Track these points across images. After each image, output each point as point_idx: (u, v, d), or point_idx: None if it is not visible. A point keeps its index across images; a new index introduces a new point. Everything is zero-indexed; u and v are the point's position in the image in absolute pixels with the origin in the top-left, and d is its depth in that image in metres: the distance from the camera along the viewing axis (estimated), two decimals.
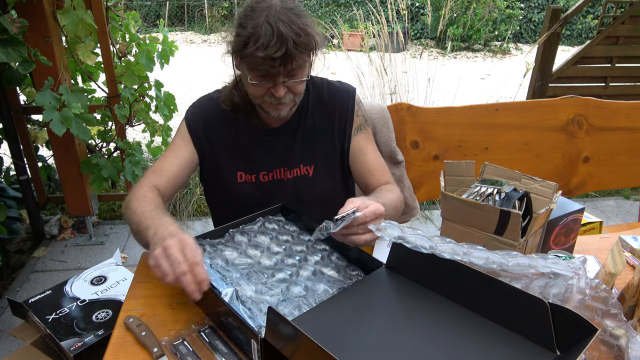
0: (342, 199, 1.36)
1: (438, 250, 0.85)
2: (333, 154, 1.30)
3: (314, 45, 1.09)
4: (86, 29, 2.13)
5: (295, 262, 1.03)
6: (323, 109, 1.29)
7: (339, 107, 1.29)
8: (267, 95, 1.12)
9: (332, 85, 1.31)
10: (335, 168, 1.31)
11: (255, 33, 1.01)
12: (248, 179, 1.26)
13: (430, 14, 3.09)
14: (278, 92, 1.10)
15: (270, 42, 1.00)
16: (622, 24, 3.61)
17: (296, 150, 1.27)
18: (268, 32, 1.00)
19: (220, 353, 0.83)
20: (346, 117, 1.29)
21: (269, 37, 1.00)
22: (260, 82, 1.09)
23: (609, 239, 1.28)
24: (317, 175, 1.29)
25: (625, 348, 0.78)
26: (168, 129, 2.72)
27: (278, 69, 1.05)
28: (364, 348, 0.74)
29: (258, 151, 1.26)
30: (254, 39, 1.02)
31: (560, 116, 1.88)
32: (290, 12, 1.04)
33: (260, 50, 1.01)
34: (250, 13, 1.04)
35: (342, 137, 1.30)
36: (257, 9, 1.04)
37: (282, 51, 1.01)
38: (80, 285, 1.28)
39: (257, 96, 1.14)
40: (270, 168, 1.27)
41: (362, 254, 1.00)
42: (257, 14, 1.03)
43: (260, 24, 1.01)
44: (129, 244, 2.75)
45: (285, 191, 1.28)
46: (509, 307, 0.77)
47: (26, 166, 2.50)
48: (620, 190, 3.48)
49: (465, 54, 9.52)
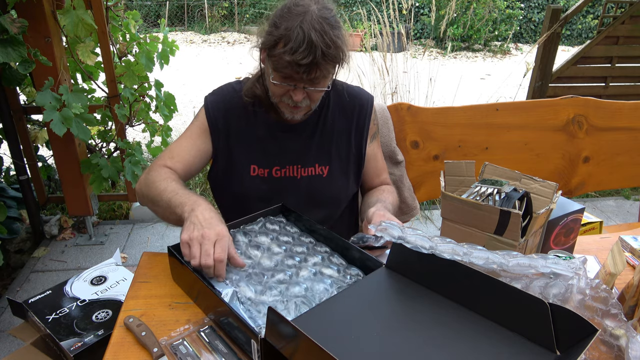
0: (350, 201, 1.38)
1: (438, 250, 0.85)
2: (348, 157, 1.31)
3: (342, 58, 1.10)
4: (86, 29, 2.13)
5: (296, 263, 1.03)
6: (342, 111, 1.30)
7: (357, 111, 1.31)
8: (285, 96, 1.13)
9: (351, 89, 1.33)
10: (349, 171, 1.32)
11: (287, 35, 1.02)
12: (260, 173, 1.26)
13: (433, 14, 3.10)
14: (296, 96, 1.11)
15: (300, 47, 1.01)
16: (622, 24, 3.61)
17: (313, 149, 1.27)
18: (299, 37, 1.01)
19: (220, 353, 0.83)
20: (364, 122, 1.31)
21: (299, 43, 1.01)
22: (282, 83, 1.10)
23: (609, 239, 1.28)
24: (331, 176, 1.29)
25: (625, 348, 0.78)
26: (168, 129, 2.72)
27: (302, 75, 1.06)
28: (364, 348, 0.74)
29: (273, 146, 1.26)
30: (284, 40, 1.03)
31: (560, 116, 1.88)
32: (325, 21, 1.04)
33: (288, 53, 1.02)
34: (287, 14, 1.05)
35: (358, 142, 1.31)
36: (293, 12, 1.05)
37: (309, 59, 1.02)
38: (80, 285, 1.28)
39: (276, 95, 1.15)
40: (284, 164, 1.27)
41: (363, 254, 1.00)
42: (292, 16, 1.04)
43: (293, 27, 1.02)
44: (129, 244, 2.75)
45: (298, 189, 1.27)
46: (509, 308, 0.77)
47: (26, 166, 2.50)
48: (620, 190, 3.49)
49: (465, 54, 9.52)
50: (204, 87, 6.31)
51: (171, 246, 0.99)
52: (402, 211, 1.76)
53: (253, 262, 1.02)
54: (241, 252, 1.06)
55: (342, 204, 1.35)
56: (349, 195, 1.35)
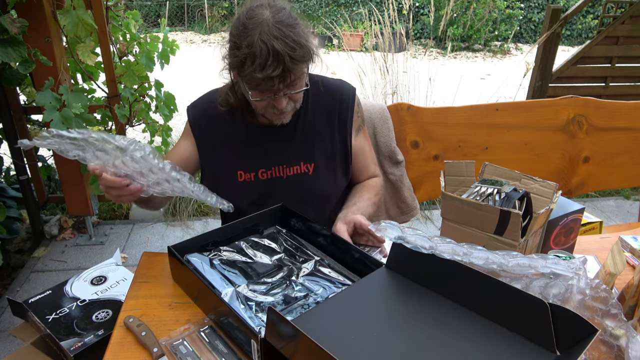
0: (341, 196, 1.38)
1: (438, 250, 0.85)
2: (333, 152, 1.30)
3: (310, 55, 1.09)
4: (86, 29, 2.13)
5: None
6: (322, 107, 1.29)
7: (338, 105, 1.29)
8: (269, 107, 1.13)
9: (330, 82, 1.31)
10: (336, 166, 1.31)
11: (251, 53, 1.01)
12: (247, 178, 1.26)
13: (433, 14, 3.10)
14: (280, 104, 1.11)
15: (267, 61, 1.00)
16: (622, 24, 3.61)
17: (295, 147, 1.27)
18: (264, 52, 1.00)
19: (220, 353, 0.83)
20: (346, 116, 1.29)
21: (265, 57, 1.00)
22: (262, 98, 1.10)
23: (609, 239, 1.28)
24: (317, 173, 1.29)
25: (625, 348, 0.78)
26: (168, 129, 2.72)
27: (278, 86, 1.05)
28: (364, 348, 0.74)
29: (256, 149, 1.26)
30: (250, 59, 1.02)
31: (560, 116, 1.88)
32: (282, 25, 1.03)
33: (257, 71, 1.01)
34: (243, 32, 1.03)
35: (342, 136, 1.30)
36: (249, 26, 1.02)
37: (279, 69, 1.01)
38: (80, 285, 1.28)
39: (260, 108, 1.15)
40: (269, 166, 1.27)
41: (362, 253, 1.00)
42: (250, 31, 1.02)
43: (254, 43, 1.00)
44: (129, 244, 2.75)
45: (286, 189, 1.28)
46: (509, 308, 0.77)
47: (26, 166, 2.50)
48: (620, 190, 3.49)
49: (465, 54, 9.51)
50: (203, 87, 6.30)
51: (171, 246, 0.99)
52: (402, 211, 1.76)
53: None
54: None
55: (332, 199, 1.34)
56: (339, 191, 1.35)
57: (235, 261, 1.03)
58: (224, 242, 1.10)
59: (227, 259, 1.03)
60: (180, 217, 3.02)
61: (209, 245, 1.08)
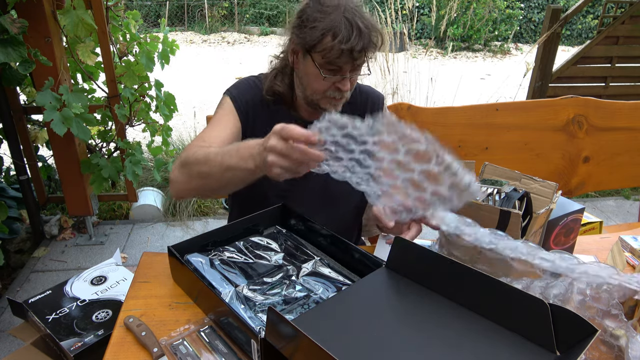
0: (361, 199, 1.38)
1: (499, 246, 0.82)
2: None
3: (381, 42, 1.13)
4: (86, 29, 2.13)
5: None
6: (355, 110, 1.30)
7: (370, 108, 1.32)
8: (331, 89, 1.14)
9: (363, 87, 1.34)
10: None
11: (335, 27, 1.05)
12: None
13: (434, 14, 3.10)
14: (345, 86, 1.12)
15: (351, 35, 1.04)
16: (622, 24, 3.61)
17: None
18: (348, 26, 1.04)
19: (220, 353, 0.83)
20: None
21: (349, 30, 1.04)
22: (334, 75, 1.11)
23: (609, 239, 1.28)
24: None
25: (625, 348, 0.78)
26: (168, 129, 2.72)
27: (353, 62, 1.08)
28: (364, 348, 0.74)
29: None
30: (332, 32, 1.05)
31: (560, 116, 1.88)
32: (360, 9, 1.09)
33: (342, 43, 1.04)
34: (321, 10, 1.07)
35: None
36: (327, 4, 1.07)
37: (361, 44, 1.05)
38: (80, 285, 1.28)
39: (321, 91, 1.15)
40: None
41: (363, 253, 1.00)
42: (330, 9, 1.06)
43: (337, 19, 1.05)
44: (129, 244, 2.75)
45: (312, 185, 1.27)
46: (509, 308, 0.77)
47: (26, 166, 2.50)
48: (620, 190, 3.49)
49: (465, 54, 9.52)
50: (203, 87, 6.32)
51: (171, 246, 0.99)
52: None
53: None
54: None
55: (352, 202, 1.35)
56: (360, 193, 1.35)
57: (235, 261, 1.03)
58: (224, 242, 1.09)
59: (227, 259, 1.03)
60: (180, 217, 3.02)
61: (209, 245, 1.08)
